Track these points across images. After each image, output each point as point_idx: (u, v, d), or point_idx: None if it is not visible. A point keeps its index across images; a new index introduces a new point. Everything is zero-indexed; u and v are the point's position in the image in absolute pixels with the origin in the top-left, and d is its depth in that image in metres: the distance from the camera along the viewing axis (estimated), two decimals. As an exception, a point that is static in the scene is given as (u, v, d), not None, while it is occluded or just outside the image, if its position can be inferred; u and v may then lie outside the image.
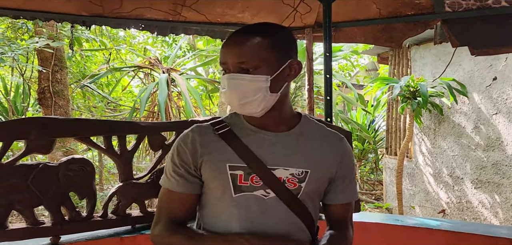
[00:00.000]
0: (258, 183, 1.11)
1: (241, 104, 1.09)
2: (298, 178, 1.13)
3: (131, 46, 9.58)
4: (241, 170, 1.11)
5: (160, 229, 1.15)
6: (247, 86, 1.07)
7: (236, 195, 1.11)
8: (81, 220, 2.05)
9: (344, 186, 1.22)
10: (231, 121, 1.19)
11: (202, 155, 1.13)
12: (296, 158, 1.14)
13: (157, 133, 2.39)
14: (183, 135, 1.18)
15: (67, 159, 2.05)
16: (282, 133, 1.16)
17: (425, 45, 5.89)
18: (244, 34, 1.11)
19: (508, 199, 4.85)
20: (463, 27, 2.79)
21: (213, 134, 1.15)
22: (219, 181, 1.12)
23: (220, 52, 1.13)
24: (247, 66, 1.07)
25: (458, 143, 5.47)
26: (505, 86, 4.79)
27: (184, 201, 1.16)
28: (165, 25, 2.99)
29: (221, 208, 1.14)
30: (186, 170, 1.14)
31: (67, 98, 5.13)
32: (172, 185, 1.15)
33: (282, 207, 1.12)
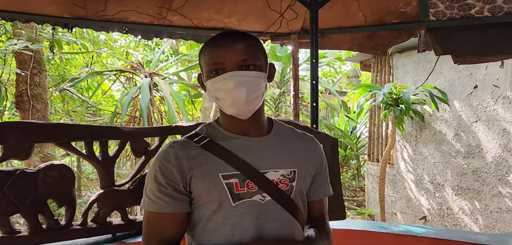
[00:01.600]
0: (253, 188, 1.10)
1: (248, 100, 1.08)
2: (289, 178, 1.14)
3: (113, 50, 9.44)
4: (235, 178, 1.09)
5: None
6: (252, 82, 1.08)
7: (235, 203, 1.08)
8: (59, 229, 1.98)
9: (322, 182, 1.26)
10: (208, 132, 1.16)
11: (191, 169, 1.09)
12: (283, 159, 1.15)
13: (140, 139, 2.33)
14: (163, 153, 1.11)
15: (46, 165, 1.98)
16: (263, 136, 1.17)
17: (407, 53, 5.97)
18: (236, 36, 1.12)
19: (487, 205, 4.94)
20: (447, 36, 2.83)
21: (195, 147, 1.11)
22: (215, 193, 1.08)
23: (209, 54, 1.10)
24: (249, 63, 1.08)
25: (439, 150, 5.55)
26: (485, 94, 4.88)
27: (176, 221, 1.10)
28: (150, 28, 2.93)
29: (220, 220, 1.09)
30: (174, 189, 1.08)
31: (46, 102, 4.98)
32: (160, 207, 1.08)
33: (279, 209, 1.12)
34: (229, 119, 1.15)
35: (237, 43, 1.09)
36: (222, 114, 1.17)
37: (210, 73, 1.10)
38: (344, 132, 8.39)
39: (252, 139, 1.14)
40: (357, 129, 9.32)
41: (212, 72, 1.09)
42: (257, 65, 1.10)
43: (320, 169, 1.25)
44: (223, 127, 1.16)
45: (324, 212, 1.28)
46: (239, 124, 1.13)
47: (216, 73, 1.08)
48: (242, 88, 1.06)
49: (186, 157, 1.09)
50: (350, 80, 12.41)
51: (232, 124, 1.14)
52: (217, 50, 1.09)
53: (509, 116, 4.63)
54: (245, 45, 1.09)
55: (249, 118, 1.12)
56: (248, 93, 1.07)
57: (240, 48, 1.09)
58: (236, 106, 1.09)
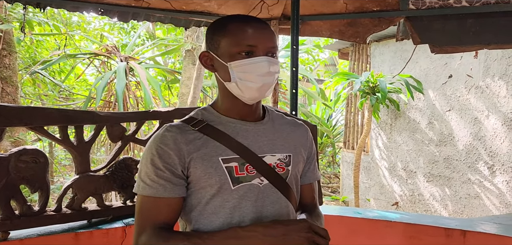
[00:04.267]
0: (252, 172, 1.11)
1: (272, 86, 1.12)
2: (285, 162, 1.16)
3: (86, 32, 9.18)
4: (235, 162, 1.10)
5: (147, 238, 1.05)
6: (277, 70, 1.12)
7: (235, 187, 1.09)
8: (32, 215, 1.92)
9: (312, 166, 1.29)
10: (204, 117, 1.16)
11: (190, 153, 1.08)
12: (278, 144, 1.17)
13: (116, 124, 2.28)
14: (160, 136, 1.09)
15: (18, 149, 1.90)
16: (259, 122, 1.18)
17: (384, 42, 6.06)
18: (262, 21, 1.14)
19: (457, 192, 5.10)
20: (425, 25, 2.87)
21: (193, 131, 1.11)
22: (215, 177, 1.08)
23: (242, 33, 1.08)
24: (274, 51, 1.11)
25: (412, 138, 5.67)
26: (459, 84, 5.01)
27: (172, 206, 1.08)
28: (127, 10, 2.84)
29: (219, 203, 1.09)
30: (171, 172, 1.07)
31: (16, 85, 4.79)
32: (156, 192, 1.06)
33: (275, 192, 1.14)
34: (231, 103, 1.14)
35: (267, 28, 1.11)
36: (224, 97, 1.15)
37: (239, 54, 1.08)
38: (320, 119, 8.48)
39: (249, 124, 1.15)
40: (333, 117, 9.43)
41: (241, 53, 1.07)
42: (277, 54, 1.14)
43: (310, 154, 1.28)
44: (220, 112, 1.16)
45: (314, 196, 1.31)
46: (239, 109, 1.14)
47: (247, 55, 1.07)
48: (272, 74, 1.09)
49: (185, 141, 1.09)
50: (327, 68, 12.52)
51: (231, 108, 1.15)
52: (251, 32, 1.08)
53: (480, 106, 4.77)
54: (272, 33, 1.12)
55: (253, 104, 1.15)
56: (275, 79, 1.11)
57: (270, 35, 1.11)
58: (260, 91, 1.10)
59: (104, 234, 2.02)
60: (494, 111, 4.63)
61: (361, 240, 2.43)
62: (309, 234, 1.02)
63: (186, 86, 6.06)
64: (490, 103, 4.66)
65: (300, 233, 1.02)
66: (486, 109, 4.72)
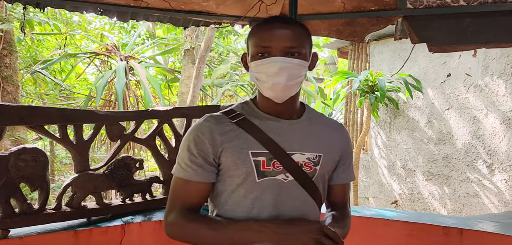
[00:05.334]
0: (278, 167, 1.16)
1: (287, 85, 1.13)
2: (313, 161, 1.20)
3: (86, 32, 9.19)
4: (263, 156, 1.15)
5: (175, 216, 1.15)
6: (294, 69, 1.13)
7: (259, 180, 1.15)
8: (32, 213, 1.94)
9: (345, 167, 1.32)
10: (243, 110, 1.23)
11: (222, 143, 1.16)
12: (310, 143, 1.21)
13: (115, 123, 2.30)
14: (198, 125, 1.19)
15: (18, 148, 1.92)
16: (295, 120, 1.23)
17: (383, 41, 6.06)
18: (287, 22, 1.17)
19: (456, 190, 5.11)
20: (423, 24, 2.88)
21: (229, 123, 1.19)
22: (242, 168, 1.15)
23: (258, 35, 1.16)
24: (294, 51, 1.13)
25: (411, 137, 5.69)
26: (458, 83, 5.02)
27: (201, 190, 1.18)
28: (126, 10, 2.85)
29: (243, 193, 1.16)
30: (204, 159, 1.16)
31: (17, 84, 4.81)
32: (189, 175, 1.16)
33: (299, 189, 1.18)
34: (265, 100, 1.20)
35: (286, 29, 1.14)
36: (259, 94, 1.22)
37: (256, 55, 1.15)
38: (320, 118, 8.46)
39: (283, 122, 1.20)
40: (333, 116, 9.43)
41: (258, 54, 1.14)
42: (301, 53, 1.15)
43: (344, 155, 1.31)
44: (259, 107, 1.23)
45: (345, 196, 1.34)
46: (273, 106, 1.19)
47: (261, 56, 1.14)
48: (283, 74, 1.12)
49: (220, 131, 1.16)
50: (327, 67, 12.51)
51: (267, 104, 1.20)
52: (266, 34, 1.14)
53: (479, 104, 4.78)
54: (293, 32, 1.14)
55: (284, 101, 1.18)
56: (288, 79, 1.13)
57: (288, 35, 1.13)
58: (274, 90, 1.14)
59: (103, 232, 2.04)
60: (493, 109, 4.64)
61: (359, 239, 2.44)
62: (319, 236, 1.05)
63: (186, 85, 6.08)
64: (489, 102, 4.68)
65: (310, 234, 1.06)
66: (485, 107, 4.73)
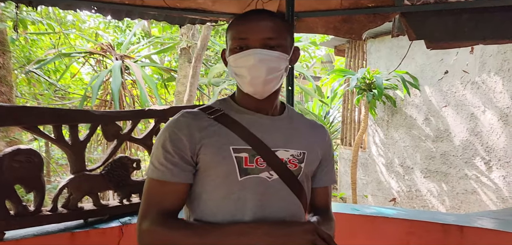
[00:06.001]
0: (262, 165, 1.09)
1: (266, 79, 1.07)
2: (298, 158, 1.14)
3: (80, 31, 9.13)
4: (245, 152, 1.08)
5: (150, 223, 1.03)
6: (274, 62, 1.07)
7: (242, 178, 1.07)
8: (28, 215, 1.90)
9: (328, 169, 1.26)
10: (222, 106, 1.16)
11: (201, 139, 1.07)
12: (294, 140, 1.15)
13: (111, 123, 2.26)
14: (174, 121, 1.11)
15: (12, 149, 1.88)
16: (276, 116, 1.18)
17: (380, 38, 6.05)
18: (266, 14, 1.12)
19: (454, 187, 5.11)
20: (420, 20, 2.86)
21: (208, 119, 1.11)
22: (223, 166, 1.07)
23: (235, 28, 1.10)
24: (273, 43, 1.07)
25: (409, 134, 5.68)
26: (455, 80, 5.01)
27: (178, 192, 1.07)
28: (121, 8, 2.82)
29: (224, 194, 1.07)
30: (181, 158, 1.06)
31: (11, 85, 4.75)
32: (164, 175, 1.05)
33: (285, 188, 1.11)
34: (244, 97, 1.15)
35: (264, 21, 1.08)
36: (239, 90, 1.17)
37: (234, 49, 1.09)
38: (318, 116, 8.47)
39: (265, 117, 1.15)
40: (330, 114, 9.42)
41: (236, 47, 1.08)
42: (282, 45, 1.09)
43: (327, 156, 1.25)
44: (238, 103, 1.17)
45: (328, 200, 1.28)
46: (254, 102, 1.14)
47: (240, 49, 1.08)
48: (262, 67, 1.06)
49: (198, 127, 1.09)
50: (324, 65, 12.51)
51: (247, 100, 1.15)
52: (244, 26, 1.09)
53: (477, 101, 4.78)
54: (272, 24, 1.09)
55: (265, 98, 1.12)
56: (268, 72, 1.07)
57: (267, 26, 1.08)
58: (254, 85, 1.08)
59: (100, 234, 2.00)
60: (490, 106, 4.64)
61: (359, 237, 2.43)
62: (313, 237, 1.00)
63: (182, 84, 6.04)
64: (486, 99, 4.67)
65: (304, 236, 1.01)
66: (482, 104, 4.73)
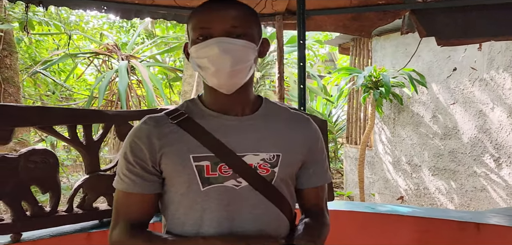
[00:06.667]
0: (227, 172, 1.01)
1: (233, 71, 0.99)
2: (270, 162, 1.04)
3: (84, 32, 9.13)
4: (207, 160, 1.01)
5: (118, 233, 1.03)
6: (240, 51, 0.99)
7: (204, 188, 1.01)
8: (44, 216, 1.90)
9: (316, 168, 1.15)
10: (188, 109, 1.08)
11: (161, 148, 1.02)
12: (265, 142, 1.06)
13: (125, 122, 2.26)
14: (135, 130, 1.06)
15: (28, 150, 1.88)
16: (246, 116, 1.07)
17: (385, 36, 6.03)
18: (230, 2, 1.03)
19: (463, 185, 5.09)
20: (431, 17, 2.85)
21: (170, 124, 1.04)
22: (183, 176, 1.01)
23: (196, 17, 1.02)
24: (239, 31, 1.00)
25: (416, 132, 5.66)
26: (462, 77, 4.99)
27: (143, 202, 1.04)
28: (130, 7, 2.82)
29: (189, 204, 1.03)
30: (142, 168, 1.02)
31: (18, 85, 4.77)
32: (127, 187, 1.03)
33: (257, 196, 1.03)
34: (211, 94, 1.06)
35: (228, 9, 1.01)
36: (205, 88, 1.08)
37: (196, 39, 1.01)
38: (322, 115, 8.47)
39: (233, 119, 1.06)
40: (334, 113, 9.41)
41: (198, 38, 1.00)
42: (248, 34, 1.01)
43: (314, 154, 1.15)
44: (204, 104, 1.08)
45: (319, 201, 1.17)
46: (221, 100, 1.05)
47: (202, 39, 1.00)
48: (227, 56, 0.97)
49: (158, 134, 1.03)
50: (325, 63, 12.49)
51: (213, 99, 1.06)
52: (206, 15, 1.01)
53: (485, 98, 4.76)
54: (237, 12, 1.01)
55: (233, 93, 1.03)
56: (234, 62, 0.98)
57: (231, 15, 1.00)
58: (218, 77, 1.00)
59: (116, 234, 2.00)
60: (499, 103, 4.62)
61: (374, 235, 2.41)
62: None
63: (188, 83, 6.04)
64: (495, 96, 4.65)
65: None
66: (491, 101, 4.71)
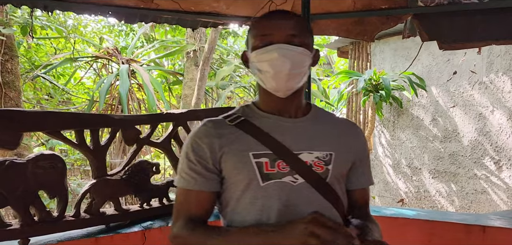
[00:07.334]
0: (284, 169, 1.07)
1: (290, 74, 1.06)
2: (324, 160, 1.10)
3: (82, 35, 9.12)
4: (265, 157, 1.07)
5: (178, 228, 1.09)
6: (297, 57, 1.07)
7: (264, 183, 1.06)
8: (52, 221, 1.90)
9: (364, 170, 1.22)
10: (244, 113, 1.16)
11: (222, 148, 1.09)
12: (318, 142, 1.13)
13: (131, 127, 2.27)
14: (196, 131, 1.14)
15: (36, 155, 1.88)
16: (299, 118, 1.16)
17: (384, 39, 6.05)
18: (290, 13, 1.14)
19: (463, 187, 5.11)
20: (433, 21, 2.86)
21: (228, 126, 1.12)
22: (244, 172, 1.07)
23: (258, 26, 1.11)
24: (297, 40, 1.08)
25: (416, 135, 5.68)
26: (462, 80, 5.02)
27: (203, 200, 1.11)
28: (135, 12, 2.82)
29: (249, 200, 1.08)
30: (203, 166, 1.09)
31: (19, 90, 4.75)
32: (188, 184, 1.10)
33: (313, 192, 1.08)
34: (266, 97, 1.14)
35: (288, 19, 1.10)
36: (261, 92, 1.16)
37: (258, 46, 1.09)
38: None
39: (287, 120, 1.13)
40: (333, 116, 9.40)
41: (259, 44, 1.09)
42: (304, 43, 1.09)
43: (362, 156, 1.21)
44: (260, 107, 1.16)
45: (367, 202, 1.24)
46: (276, 103, 1.12)
47: (263, 46, 1.08)
48: (286, 61, 1.05)
49: (218, 135, 1.10)
50: (323, 67, 12.51)
51: (269, 102, 1.14)
52: (268, 24, 1.10)
53: (485, 101, 4.79)
54: (296, 23, 1.10)
55: (287, 97, 1.11)
56: (292, 67, 1.06)
57: (290, 24, 1.09)
58: (277, 79, 1.07)
59: (124, 239, 2.00)
60: (499, 106, 4.65)
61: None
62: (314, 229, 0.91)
63: (189, 87, 6.04)
64: (495, 99, 4.68)
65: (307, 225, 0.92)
66: (490, 104, 4.73)
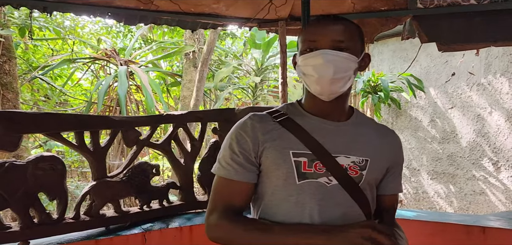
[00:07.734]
0: (321, 170, 1.10)
1: (334, 79, 1.08)
2: (359, 165, 1.13)
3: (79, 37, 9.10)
4: (305, 157, 1.10)
5: (217, 217, 1.11)
6: (342, 62, 1.09)
7: (300, 182, 1.10)
8: (51, 223, 1.89)
9: (395, 177, 1.25)
10: (288, 110, 1.19)
11: (264, 142, 1.12)
12: (356, 147, 1.15)
13: (131, 128, 2.26)
14: (241, 123, 1.16)
15: (36, 156, 1.88)
16: (341, 122, 1.18)
17: (383, 41, 6.07)
18: (337, 19, 1.15)
19: (462, 189, 5.12)
20: (433, 23, 2.87)
21: (272, 122, 1.15)
22: (282, 169, 1.10)
23: (306, 31, 1.14)
24: (343, 45, 1.09)
25: (415, 136, 5.69)
26: (460, 82, 5.04)
27: (242, 190, 1.13)
28: (134, 13, 2.82)
29: (283, 196, 1.11)
30: (245, 158, 1.12)
31: (16, 91, 4.72)
32: (229, 174, 1.12)
33: (344, 195, 1.11)
34: (311, 99, 1.17)
35: (335, 25, 1.11)
36: (306, 94, 1.19)
37: (304, 50, 1.12)
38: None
39: (329, 123, 1.16)
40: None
41: (306, 49, 1.11)
42: (351, 48, 1.10)
43: (395, 164, 1.24)
44: (304, 107, 1.19)
45: (395, 208, 1.27)
46: (320, 105, 1.15)
47: (310, 51, 1.10)
48: (330, 66, 1.07)
49: (262, 130, 1.13)
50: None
51: (313, 104, 1.17)
52: (315, 30, 1.12)
53: (483, 103, 4.80)
54: (343, 28, 1.11)
55: (331, 100, 1.13)
56: (335, 72, 1.08)
57: (337, 30, 1.10)
58: (321, 84, 1.10)
59: (124, 241, 1.99)
60: (497, 107, 4.66)
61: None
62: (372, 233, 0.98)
63: (188, 88, 6.03)
64: (493, 100, 4.69)
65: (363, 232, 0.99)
66: (488, 106, 4.75)
